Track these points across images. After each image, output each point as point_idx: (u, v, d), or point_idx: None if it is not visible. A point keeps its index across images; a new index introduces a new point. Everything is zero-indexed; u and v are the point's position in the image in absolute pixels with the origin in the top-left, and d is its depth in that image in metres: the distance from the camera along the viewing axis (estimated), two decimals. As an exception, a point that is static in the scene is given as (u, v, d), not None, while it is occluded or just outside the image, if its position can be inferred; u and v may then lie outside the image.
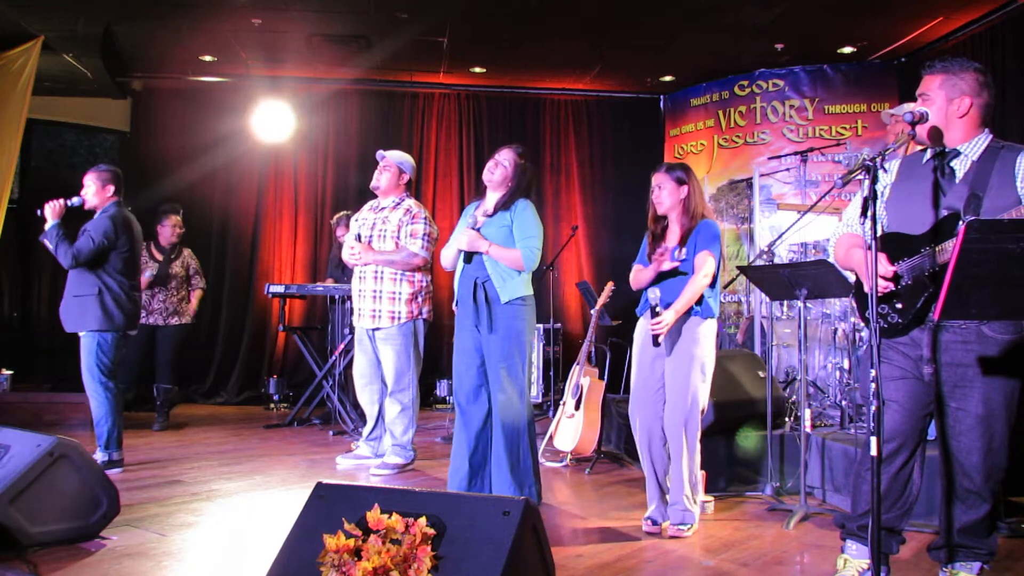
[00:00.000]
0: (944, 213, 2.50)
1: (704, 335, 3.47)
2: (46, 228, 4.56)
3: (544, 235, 3.93)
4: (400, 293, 4.65)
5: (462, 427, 3.88)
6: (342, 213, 6.89)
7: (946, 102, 2.56)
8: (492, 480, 3.84)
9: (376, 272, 4.67)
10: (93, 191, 4.71)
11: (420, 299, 4.73)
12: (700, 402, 3.47)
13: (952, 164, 2.57)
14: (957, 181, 2.54)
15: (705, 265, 3.44)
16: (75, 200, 4.67)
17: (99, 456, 4.55)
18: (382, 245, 4.67)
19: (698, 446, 3.50)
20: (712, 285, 3.49)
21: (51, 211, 4.56)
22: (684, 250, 3.50)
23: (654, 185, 3.58)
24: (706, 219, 3.56)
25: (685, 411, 3.43)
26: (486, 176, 3.93)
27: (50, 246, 4.55)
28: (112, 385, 4.61)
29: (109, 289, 4.61)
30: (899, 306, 2.56)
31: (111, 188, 4.74)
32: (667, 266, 3.45)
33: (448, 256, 3.97)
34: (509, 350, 3.77)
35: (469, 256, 3.82)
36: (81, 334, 4.65)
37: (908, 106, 4.43)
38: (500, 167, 3.90)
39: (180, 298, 6.52)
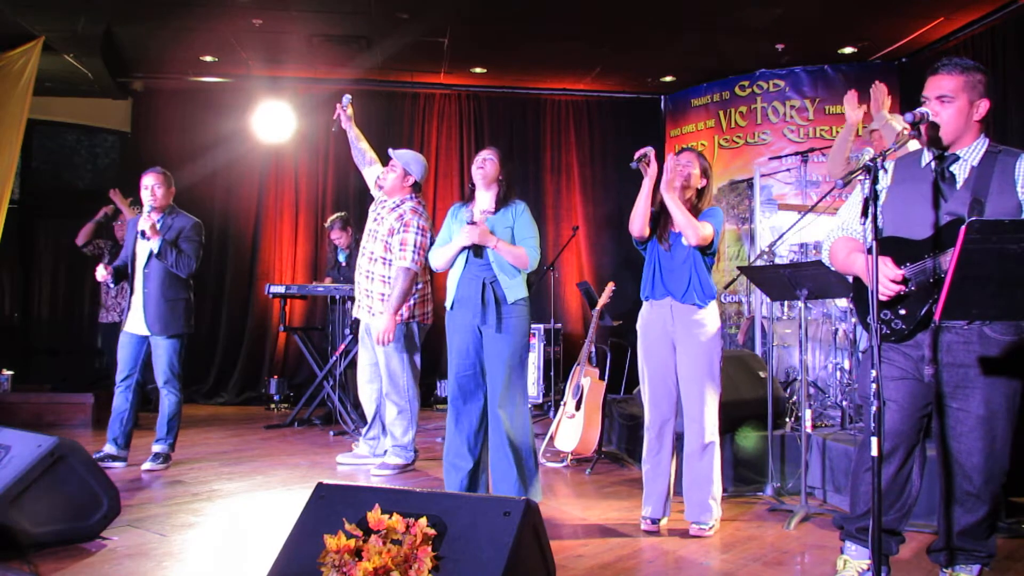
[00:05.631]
0: (946, 218, 2.46)
1: (709, 320, 3.49)
2: (155, 247, 4.65)
3: (543, 236, 3.98)
4: (388, 295, 4.62)
5: (456, 428, 3.87)
6: (336, 216, 6.88)
7: (968, 104, 2.49)
8: (494, 480, 3.84)
9: (368, 272, 4.68)
10: (163, 193, 4.80)
11: (412, 302, 4.70)
12: (718, 390, 3.49)
13: (952, 169, 2.53)
14: (958, 186, 2.51)
15: (704, 227, 3.45)
16: (148, 208, 4.73)
17: (161, 448, 4.76)
18: (373, 246, 4.67)
19: (718, 440, 3.52)
20: (708, 266, 3.54)
21: (151, 229, 4.65)
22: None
23: (683, 159, 3.57)
24: (712, 207, 3.60)
25: (705, 403, 3.45)
26: (478, 173, 3.92)
27: (168, 261, 4.66)
28: (182, 382, 4.87)
29: (194, 292, 4.85)
30: (902, 312, 2.52)
31: (174, 190, 4.88)
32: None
33: (444, 256, 3.90)
34: (515, 350, 3.80)
35: (479, 251, 3.80)
36: (158, 335, 4.71)
37: (894, 117, 4.43)
38: (489, 163, 3.92)
39: None
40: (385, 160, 4.86)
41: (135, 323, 4.76)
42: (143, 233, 4.67)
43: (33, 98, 6.52)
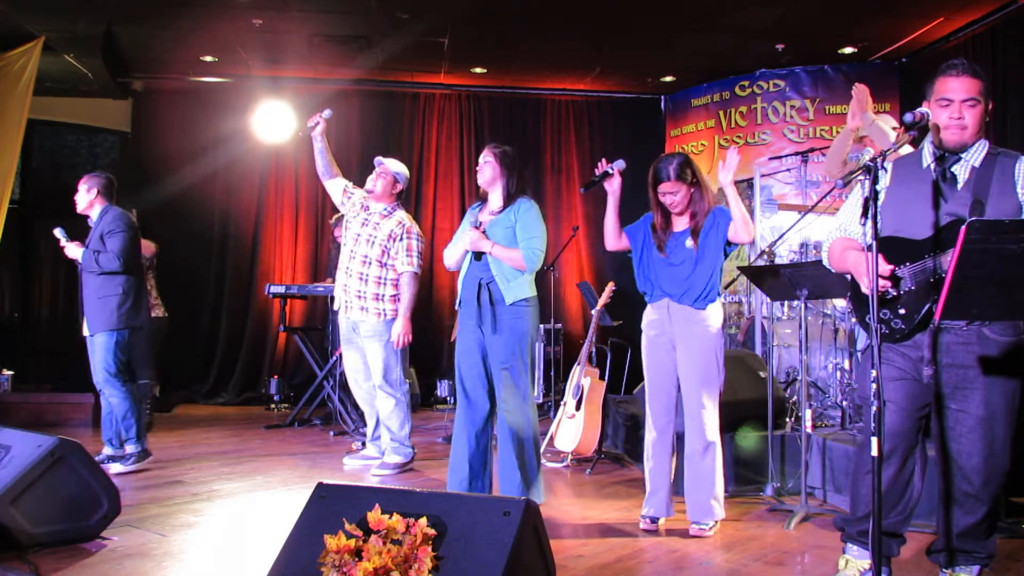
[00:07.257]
0: (946, 219, 2.47)
1: (708, 320, 3.47)
2: (80, 259, 4.71)
3: (546, 235, 3.95)
4: (383, 294, 4.75)
5: (462, 427, 3.87)
6: (340, 214, 6.88)
7: (986, 106, 2.52)
8: (499, 481, 3.85)
9: (362, 274, 4.73)
10: (81, 195, 4.82)
11: (395, 301, 4.81)
12: (719, 391, 3.48)
13: (953, 169, 2.54)
14: (959, 187, 2.51)
15: (750, 223, 3.44)
16: (58, 232, 4.80)
17: (132, 448, 4.68)
18: (368, 250, 4.74)
19: (719, 440, 3.51)
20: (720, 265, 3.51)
21: (72, 251, 4.74)
22: (694, 241, 3.48)
23: (666, 191, 3.47)
24: (718, 206, 3.53)
25: (704, 403, 3.44)
26: (479, 179, 3.98)
27: (93, 267, 4.67)
28: (126, 380, 4.73)
29: (132, 288, 4.76)
30: (902, 312, 2.52)
31: (95, 191, 4.82)
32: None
33: (453, 256, 3.98)
34: (512, 351, 3.79)
35: (478, 255, 3.85)
36: (96, 334, 4.67)
37: (880, 118, 4.42)
38: (486, 165, 3.94)
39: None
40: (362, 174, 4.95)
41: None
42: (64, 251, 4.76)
43: (33, 98, 6.52)
